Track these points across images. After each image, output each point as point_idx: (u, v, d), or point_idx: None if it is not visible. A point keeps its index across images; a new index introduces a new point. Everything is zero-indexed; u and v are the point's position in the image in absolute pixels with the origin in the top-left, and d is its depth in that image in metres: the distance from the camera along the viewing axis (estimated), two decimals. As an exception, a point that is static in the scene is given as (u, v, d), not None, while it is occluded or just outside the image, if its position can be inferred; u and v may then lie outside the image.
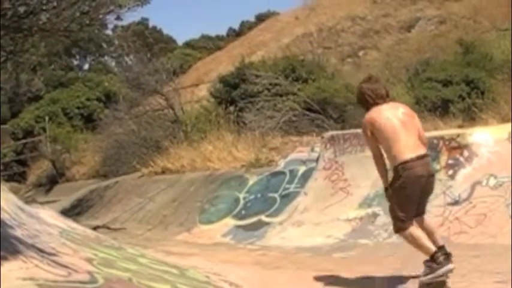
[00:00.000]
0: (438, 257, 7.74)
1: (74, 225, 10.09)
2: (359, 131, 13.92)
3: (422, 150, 8.04)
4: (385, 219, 11.63)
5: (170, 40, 63.33)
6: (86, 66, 58.63)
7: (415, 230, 7.91)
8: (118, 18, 10.57)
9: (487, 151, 11.64)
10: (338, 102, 18.82)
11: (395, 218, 8.01)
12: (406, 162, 7.85)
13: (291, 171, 14.62)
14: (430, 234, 8.02)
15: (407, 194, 7.91)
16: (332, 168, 13.51)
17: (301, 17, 36.18)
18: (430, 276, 7.73)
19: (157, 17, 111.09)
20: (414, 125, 8.25)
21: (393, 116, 8.12)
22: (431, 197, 11.25)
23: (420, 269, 7.83)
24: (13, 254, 6.60)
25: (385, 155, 8.30)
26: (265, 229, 13.22)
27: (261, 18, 50.46)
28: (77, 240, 8.67)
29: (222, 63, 34.07)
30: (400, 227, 7.97)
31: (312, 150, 14.93)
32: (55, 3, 8.58)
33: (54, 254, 7.22)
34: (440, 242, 8.00)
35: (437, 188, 11.38)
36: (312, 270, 9.68)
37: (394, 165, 8.04)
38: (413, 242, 7.93)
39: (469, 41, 21.04)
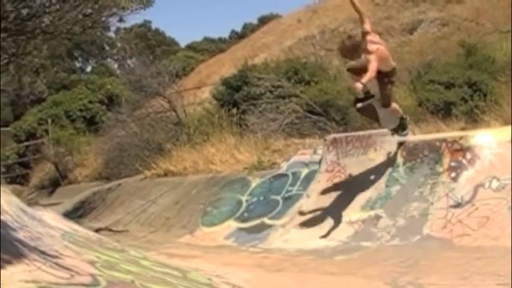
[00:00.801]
0: (405, 118, 12.94)
1: (76, 227, 10.09)
2: (361, 133, 13.99)
3: None
4: (387, 221, 11.66)
5: (173, 42, 63.38)
6: (89, 69, 58.71)
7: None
8: (120, 20, 10.57)
9: (490, 153, 11.64)
10: (340, 105, 18.80)
11: (389, 98, 12.49)
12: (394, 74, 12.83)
13: (293, 174, 14.60)
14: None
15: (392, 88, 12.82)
16: (334, 170, 13.50)
17: (304, 19, 36.18)
18: (404, 133, 12.94)
19: (159, 20, 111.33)
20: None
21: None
22: (434, 199, 11.36)
23: (424, 272, 7.92)
24: (16, 256, 6.60)
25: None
26: (267, 231, 13.21)
27: (263, 21, 50.50)
28: (79, 243, 8.68)
29: (224, 66, 34.07)
30: (391, 102, 12.54)
31: (315, 152, 14.91)
32: (58, 6, 8.60)
33: (56, 257, 7.22)
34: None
35: (440, 190, 11.46)
36: (315, 272, 9.70)
37: (390, 79, 12.46)
38: (395, 110, 12.70)
39: (472, 43, 21.03)
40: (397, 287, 8.29)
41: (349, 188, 12.99)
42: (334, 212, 12.63)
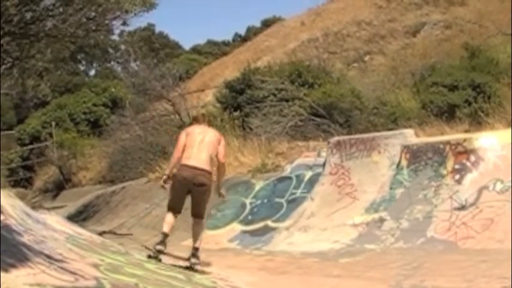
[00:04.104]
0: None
1: (80, 230, 10.09)
2: (365, 135, 13.99)
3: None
4: (391, 224, 11.65)
5: (176, 45, 63.41)
6: (92, 72, 58.79)
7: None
8: (124, 23, 10.60)
9: (494, 156, 11.62)
10: (344, 107, 18.80)
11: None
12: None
13: (297, 177, 14.60)
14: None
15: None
16: (338, 173, 13.50)
17: (307, 22, 36.22)
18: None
19: (163, 23, 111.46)
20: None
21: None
22: (438, 201, 11.35)
23: (428, 275, 7.91)
24: (20, 260, 6.61)
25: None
26: (271, 234, 13.20)
27: (266, 24, 50.52)
28: (83, 246, 8.67)
29: (228, 69, 34.09)
30: None
31: (319, 155, 14.92)
32: (61, 9, 8.62)
33: (61, 260, 7.22)
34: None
35: (444, 192, 11.44)
36: (319, 275, 9.69)
37: None
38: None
39: (475, 46, 21.02)
40: (402, 289, 8.29)
41: (352, 191, 12.99)
42: (338, 214, 12.62)
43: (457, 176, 11.72)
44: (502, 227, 10.29)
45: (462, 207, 11.10)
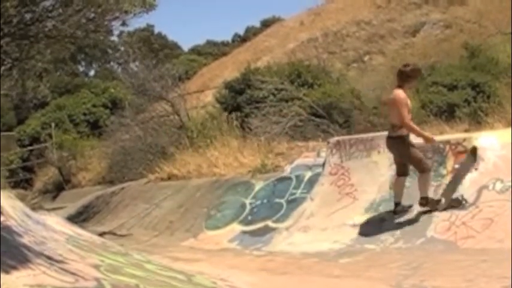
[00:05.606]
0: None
1: (80, 231, 10.10)
2: (365, 135, 13.97)
3: None
4: (391, 224, 11.64)
5: (175, 46, 63.54)
6: (92, 73, 58.89)
7: None
8: (123, 24, 10.60)
9: (494, 155, 11.60)
10: (344, 107, 18.81)
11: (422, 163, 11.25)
12: None
13: (297, 177, 14.58)
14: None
15: None
16: (338, 173, 13.48)
17: (306, 22, 36.26)
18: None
19: (162, 23, 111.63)
20: None
21: None
22: (438, 201, 11.38)
23: (428, 275, 7.97)
24: (20, 261, 6.61)
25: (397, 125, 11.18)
26: (271, 235, 13.18)
27: (266, 24, 50.66)
28: (83, 247, 8.68)
29: (227, 69, 34.15)
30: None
31: (318, 155, 14.90)
32: (61, 10, 8.63)
33: (61, 261, 7.23)
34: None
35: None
36: (319, 275, 9.69)
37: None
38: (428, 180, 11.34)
39: (475, 45, 21.06)
40: (402, 289, 8.30)
41: (352, 191, 12.98)
42: (338, 214, 12.62)
43: (457, 176, 11.72)
44: (502, 226, 10.28)
45: (462, 207, 11.09)
